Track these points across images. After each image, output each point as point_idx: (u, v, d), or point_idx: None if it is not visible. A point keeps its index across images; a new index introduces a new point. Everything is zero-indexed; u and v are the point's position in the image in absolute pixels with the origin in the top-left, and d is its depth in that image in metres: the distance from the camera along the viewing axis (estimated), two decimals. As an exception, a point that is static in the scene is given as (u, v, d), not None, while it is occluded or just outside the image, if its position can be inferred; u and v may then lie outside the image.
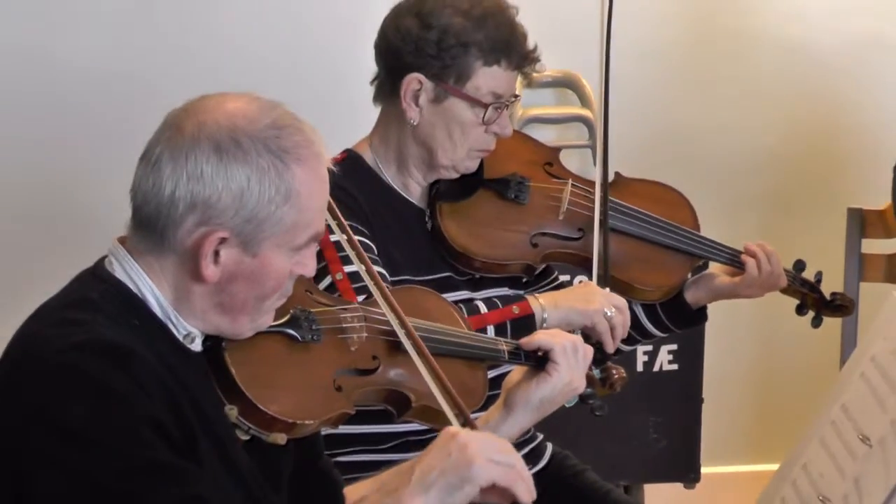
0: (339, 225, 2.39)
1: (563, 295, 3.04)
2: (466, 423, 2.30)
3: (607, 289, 3.05)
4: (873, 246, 3.94)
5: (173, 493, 2.09)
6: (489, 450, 2.17)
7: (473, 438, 2.17)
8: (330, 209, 2.31)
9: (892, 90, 4.38)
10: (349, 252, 2.42)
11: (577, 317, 2.98)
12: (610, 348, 2.98)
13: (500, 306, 2.94)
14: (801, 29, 4.52)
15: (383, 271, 2.83)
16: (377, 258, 2.85)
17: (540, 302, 2.96)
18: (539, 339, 2.57)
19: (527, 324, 2.93)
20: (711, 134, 4.52)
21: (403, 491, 2.16)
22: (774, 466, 2.83)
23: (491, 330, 2.90)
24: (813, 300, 3.39)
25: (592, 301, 2.99)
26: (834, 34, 4.54)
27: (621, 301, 3.00)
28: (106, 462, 2.08)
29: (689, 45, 4.50)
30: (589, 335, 3.01)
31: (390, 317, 2.37)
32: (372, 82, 3.04)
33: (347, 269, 2.79)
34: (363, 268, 2.41)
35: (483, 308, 2.94)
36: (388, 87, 3.02)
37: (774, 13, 4.50)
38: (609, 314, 2.97)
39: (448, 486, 2.14)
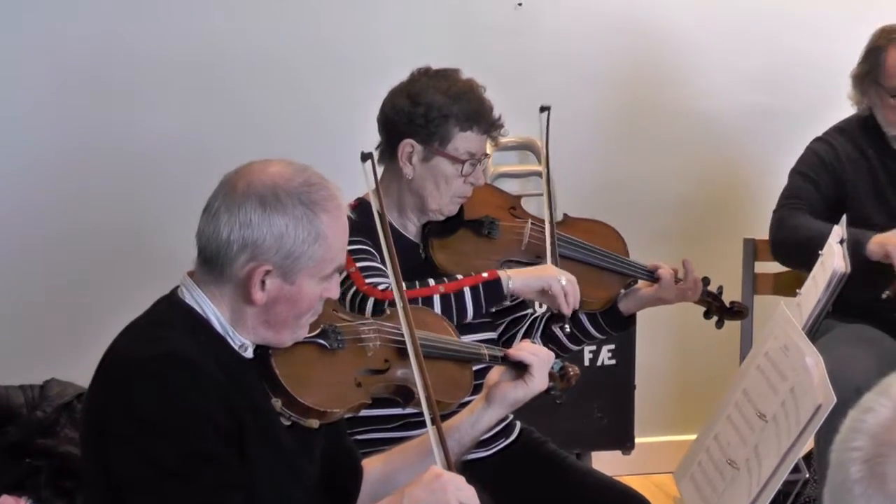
0: (389, 252, 2.33)
1: (526, 268, 2.99)
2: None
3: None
4: (764, 267, 3.93)
5: (214, 479, 2.08)
6: (461, 494, 2.13)
7: (450, 481, 2.13)
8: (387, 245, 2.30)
9: (775, 148, 4.37)
10: (389, 271, 2.34)
11: (536, 281, 2.92)
12: (565, 310, 2.92)
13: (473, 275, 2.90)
14: (706, 102, 4.51)
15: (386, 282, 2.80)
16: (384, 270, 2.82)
17: (506, 271, 2.92)
18: (523, 354, 2.50)
19: (495, 286, 2.89)
20: (639, 183, 4.50)
21: None
22: (692, 437, 2.82)
23: (467, 291, 2.86)
24: (716, 307, 3.34)
25: (548, 270, 2.95)
26: (732, 106, 4.54)
27: (571, 276, 2.94)
28: (166, 447, 2.07)
29: (621, 114, 4.49)
30: (549, 305, 2.98)
31: (404, 328, 2.31)
32: (376, 149, 3.01)
33: (359, 264, 2.77)
34: (395, 283, 2.33)
35: (459, 276, 2.90)
36: (388, 151, 2.99)
37: (685, 89, 4.50)
38: (563, 282, 2.91)
39: None
